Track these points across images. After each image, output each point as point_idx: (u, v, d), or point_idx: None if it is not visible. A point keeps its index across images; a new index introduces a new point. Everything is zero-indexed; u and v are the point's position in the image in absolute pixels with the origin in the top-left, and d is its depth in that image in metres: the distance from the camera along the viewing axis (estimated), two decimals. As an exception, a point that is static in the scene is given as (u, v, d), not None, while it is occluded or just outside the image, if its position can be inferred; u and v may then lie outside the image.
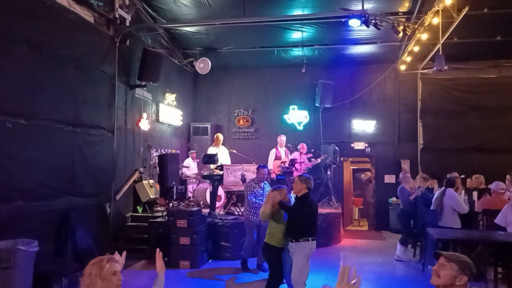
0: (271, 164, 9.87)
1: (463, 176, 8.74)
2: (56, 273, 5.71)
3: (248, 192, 7.01)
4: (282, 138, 10.19)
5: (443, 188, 7.13)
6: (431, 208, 7.22)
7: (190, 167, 10.09)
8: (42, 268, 5.50)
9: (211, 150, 9.63)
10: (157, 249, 2.94)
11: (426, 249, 7.17)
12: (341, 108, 11.82)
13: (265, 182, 7.18)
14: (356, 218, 13.24)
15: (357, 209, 13.36)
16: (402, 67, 11.22)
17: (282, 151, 10.05)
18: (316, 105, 11.74)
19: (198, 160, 10.24)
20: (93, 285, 2.43)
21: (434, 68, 8.48)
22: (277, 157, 9.91)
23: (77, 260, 6.30)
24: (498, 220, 6.16)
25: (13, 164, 5.57)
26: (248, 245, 7.07)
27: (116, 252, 2.99)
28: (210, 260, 7.74)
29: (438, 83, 11.25)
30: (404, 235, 8.06)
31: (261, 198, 6.83)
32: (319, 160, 10.21)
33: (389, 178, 11.06)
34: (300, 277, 4.82)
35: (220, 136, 10.06)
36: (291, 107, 12.18)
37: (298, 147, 10.13)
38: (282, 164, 9.69)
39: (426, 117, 11.40)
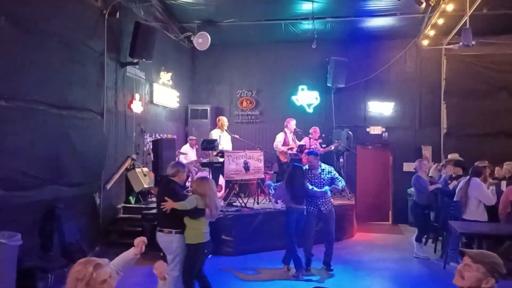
0: (279, 147, 9.79)
1: (488, 164, 8.67)
2: (41, 268, 5.80)
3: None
4: (292, 123, 10.08)
5: (468, 177, 7.11)
6: (455, 199, 7.22)
7: (188, 154, 10.11)
8: (26, 264, 5.59)
9: (214, 134, 9.56)
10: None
11: (448, 244, 7.19)
12: (356, 89, 11.75)
13: (321, 167, 6.93)
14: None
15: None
16: (425, 43, 11.09)
17: (291, 136, 10.02)
18: (328, 85, 11.66)
19: (197, 146, 10.25)
20: None
21: (460, 43, 8.39)
22: (285, 143, 9.88)
23: (64, 255, 6.38)
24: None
25: (-8, 150, 5.61)
26: (307, 238, 6.95)
27: (161, 261, 3.15)
28: (210, 256, 7.78)
29: (464, 60, 11.12)
30: (418, 231, 8.07)
31: (317, 185, 6.81)
32: (332, 147, 10.18)
33: (408, 166, 11.00)
34: None
35: (224, 119, 9.96)
36: (300, 87, 12.12)
37: (310, 130, 10.10)
38: (289, 151, 9.68)
39: (451, 99, 11.31)
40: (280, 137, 9.86)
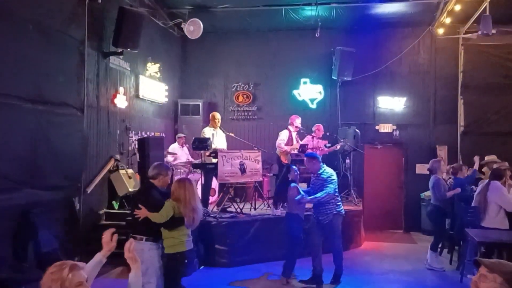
0: (282, 146, 9.76)
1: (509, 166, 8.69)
2: (15, 280, 5.79)
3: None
4: (297, 121, 10.04)
5: (487, 180, 7.12)
6: (472, 204, 7.23)
7: (177, 154, 10.11)
8: (-3, 276, 5.58)
9: (207, 132, 9.54)
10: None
11: (465, 254, 7.20)
12: (364, 82, 11.76)
13: (322, 171, 6.79)
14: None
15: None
16: (440, 31, 11.10)
17: (294, 135, 10.01)
18: (333, 78, 11.68)
19: (187, 145, 10.24)
20: None
21: (479, 32, 8.40)
22: (289, 142, 9.86)
23: (40, 266, 6.35)
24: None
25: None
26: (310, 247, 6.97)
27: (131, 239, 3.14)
28: (202, 267, 7.80)
29: (483, 51, 11.13)
30: (435, 239, 8.07)
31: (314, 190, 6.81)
32: (338, 146, 10.17)
33: (422, 168, 11.00)
34: None
35: (217, 115, 9.94)
36: (302, 80, 12.13)
37: (313, 128, 10.09)
38: (291, 151, 9.67)
39: (469, 93, 11.32)
40: (284, 135, 9.82)
